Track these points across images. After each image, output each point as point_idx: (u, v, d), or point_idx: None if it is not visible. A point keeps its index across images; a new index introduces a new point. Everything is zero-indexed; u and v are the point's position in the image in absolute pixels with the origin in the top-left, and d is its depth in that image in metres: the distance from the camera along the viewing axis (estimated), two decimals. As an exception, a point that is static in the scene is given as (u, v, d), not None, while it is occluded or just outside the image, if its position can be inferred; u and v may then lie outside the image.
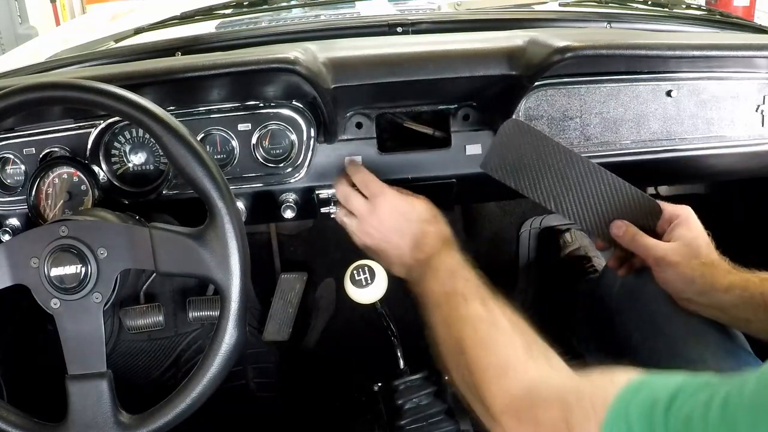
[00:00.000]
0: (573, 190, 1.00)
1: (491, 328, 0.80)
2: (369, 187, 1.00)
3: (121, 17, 1.90)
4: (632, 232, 0.97)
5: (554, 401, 0.66)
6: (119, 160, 1.07)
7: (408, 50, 1.00)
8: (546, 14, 1.36)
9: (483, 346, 0.79)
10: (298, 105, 1.06)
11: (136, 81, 0.90)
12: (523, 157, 1.00)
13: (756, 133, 1.16)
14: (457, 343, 0.81)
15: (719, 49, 1.02)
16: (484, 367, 0.77)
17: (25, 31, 4.20)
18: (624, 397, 0.57)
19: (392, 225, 0.98)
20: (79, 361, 0.81)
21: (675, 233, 0.95)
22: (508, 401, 0.71)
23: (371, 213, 0.99)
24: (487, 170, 1.01)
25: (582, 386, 0.64)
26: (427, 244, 0.95)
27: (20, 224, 1.06)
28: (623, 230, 0.97)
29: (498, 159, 1.01)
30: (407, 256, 0.96)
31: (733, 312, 0.90)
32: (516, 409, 0.70)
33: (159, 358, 1.56)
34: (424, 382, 1.07)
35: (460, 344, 0.81)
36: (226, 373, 0.79)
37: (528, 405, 0.69)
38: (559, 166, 1.00)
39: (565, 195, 1.00)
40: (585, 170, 0.99)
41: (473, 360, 0.78)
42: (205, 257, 0.79)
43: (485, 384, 0.75)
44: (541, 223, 1.77)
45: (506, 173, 1.01)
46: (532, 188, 1.00)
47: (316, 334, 1.69)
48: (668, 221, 0.98)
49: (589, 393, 0.61)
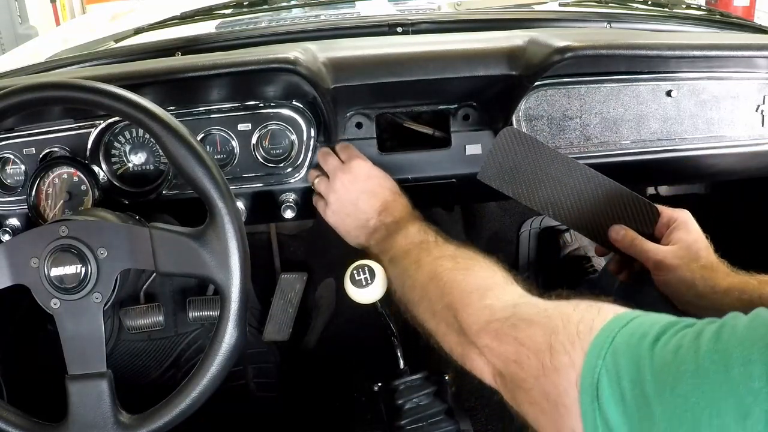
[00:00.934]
0: (571, 197, 1.00)
1: (469, 260, 0.81)
2: (347, 151, 1.04)
3: (121, 17, 1.90)
4: (631, 237, 0.97)
5: (539, 321, 0.64)
6: (119, 160, 1.07)
7: (408, 50, 1.00)
8: (546, 14, 1.36)
9: (461, 271, 0.78)
10: (298, 105, 1.06)
11: (136, 81, 0.90)
12: (520, 166, 1.00)
13: (756, 133, 1.16)
14: (433, 276, 0.81)
15: (719, 49, 1.02)
16: (462, 288, 0.75)
17: (25, 31, 4.20)
18: (611, 327, 0.56)
19: (364, 185, 1.00)
20: (79, 361, 0.81)
21: (673, 236, 0.95)
22: (487, 319, 0.69)
23: (345, 171, 1.01)
24: (484, 180, 1.01)
25: (568, 310, 0.62)
26: (397, 209, 0.98)
27: (20, 224, 1.06)
28: (621, 235, 0.98)
29: (495, 168, 1.01)
30: (373, 218, 0.98)
31: None
32: (496, 328, 0.68)
33: (159, 358, 1.56)
34: (424, 382, 1.07)
35: (438, 275, 0.80)
36: (226, 373, 0.79)
37: (510, 324, 0.67)
38: (557, 174, 1.00)
39: (563, 202, 1.00)
40: (582, 177, 1.00)
41: (449, 284, 0.77)
42: (205, 257, 0.79)
43: (463, 303, 0.74)
44: (541, 223, 1.77)
45: (504, 182, 1.01)
46: (530, 196, 1.00)
47: (316, 334, 1.69)
48: (666, 225, 0.98)
49: (576, 319, 0.60)
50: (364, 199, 1.00)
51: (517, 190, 1.01)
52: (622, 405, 0.51)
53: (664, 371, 0.50)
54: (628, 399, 0.51)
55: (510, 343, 0.65)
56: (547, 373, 0.59)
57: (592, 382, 0.54)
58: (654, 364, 0.51)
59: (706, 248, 0.94)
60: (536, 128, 1.11)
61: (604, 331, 0.56)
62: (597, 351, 0.55)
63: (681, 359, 0.49)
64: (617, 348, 0.54)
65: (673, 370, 0.49)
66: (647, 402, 0.50)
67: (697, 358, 0.49)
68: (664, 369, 0.50)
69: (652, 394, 0.50)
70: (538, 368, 0.60)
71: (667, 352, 0.51)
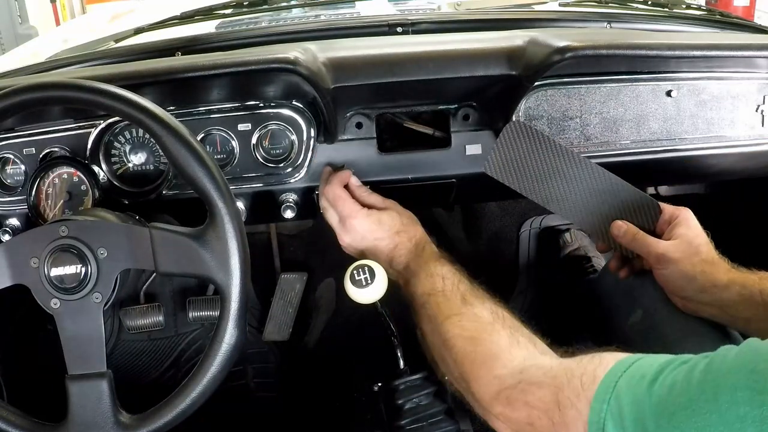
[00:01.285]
0: (574, 192, 1.00)
1: (474, 323, 0.82)
2: (337, 207, 1.00)
3: (121, 17, 1.90)
4: (633, 232, 0.97)
5: (545, 382, 0.66)
6: (119, 160, 1.07)
7: (408, 50, 1.00)
8: (546, 14, 1.36)
9: (468, 340, 0.80)
10: (298, 105, 1.06)
11: (136, 81, 0.90)
12: (526, 159, 1.00)
13: (756, 133, 1.16)
14: (443, 342, 0.83)
15: (719, 49, 1.02)
16: (472, 360, 0.78)
17: (25, 31, 4.21)
18: (614, 373, 0.59)
19: (364, 245, 1.00)
20: (79, 361, 0.81)
21: (675, 232, 0.95)
22: (497, 389, 0.72)
23: (345, 233, 1.00)
24: (489, 172, 1.01)
25: (572, 366, 0.65)
26: (401, 255, 0.97)
27: (20, 224, 1.06)
28: (623, 230, 0.98)
29: (500, 161, 1.01)
30: (389, 269, 0.98)
31: (732, 310, 0.90)
32: (506, 396, 0.71)
33: (159, 358, 1.56)
34: (424, 382, 1.07)
35: (446, 342, 0.83)
36: (226, 373, 0.79)
37: (519, 390, 0.70)
38: (561, 168, 1.00)
39: (566, 197, 1.00)
40: (586, 171, 1.00)
41: (460, 355, 0.80)
42: (205, 257, 0.79)
43: (474, 376, 0.76)
44: (541, 223, 1.77)
45: (508, 175, 1.01)
46: (534, 190, 1.01)
47: (316, 334, 1.69)
48: (668, 222, 0.98)
49: (579, 372, 0.63)
50: (371, 255, 0.99)
51: (522, 183, 1.01)
52: None
53: (660, 406, 0.53)
54: None
55: (521, 408, 0.69)
56: (558, 428, 0.63)
57: (598, 427, 0.57)
58: (652, 401, 0.54)
59: (707, 244, 0.95)
60: (538, 130, 1.11)
61: (608, 377, 0.59)
62: (601, 397, 0.58)
63: (675, 394, 0.52)
64: (620, 391, 0.57)
65: (669, 405, 0.52)
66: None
67: (689, 390, 0.52)
68: (661, 404, 0.53)
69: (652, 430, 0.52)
70: (550, 427, 0.64)
71: (663, 389, 0.54)
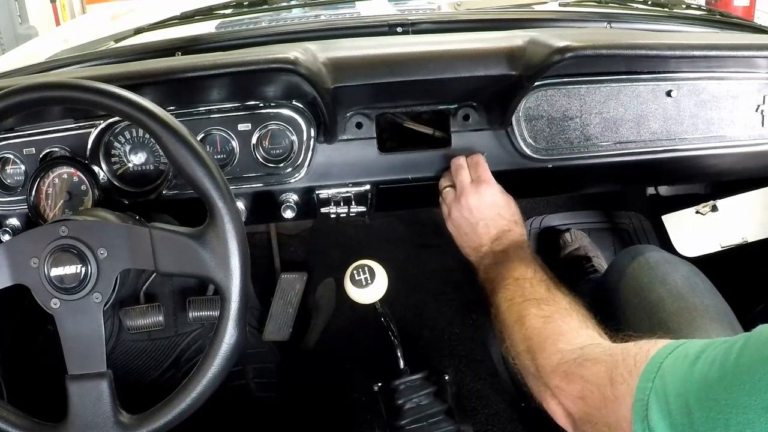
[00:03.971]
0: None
1: (551, 307, 0.87)
2: (478, 170, 1.06)
3: (121, 17, 1.90)
4: None
5: (601, 359, 0.70)
6: (119, 160, 1.07)
7: (408, 50, 1.00)
8: (546, 14, 1.36)
9: (542, 319, 0.86)
10: (298, 105, 1.06)
11: (136, 81, 0.90)
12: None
13: (756, 133, 1.16)
14: (518, 318, 0.88)
15: (719, 49, 1.02)
16: (539, 333, 0.83)
17: (25, 31, 4.20)
18: (661, 354, 0.63)
19: (485, 213, 1.04)
20: (79, 361, 0.81)
21: None
22: (558, 361, 0.77)
23: (472, 193, 1.04)
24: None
25: (629, 347, 0.69)
26: (508, 240, 1.02)
27: (20, 224, 1.06)
28: None
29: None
30: (486, 245, 1.03)
31: None
32: (565, 369, 0.75)
33: (159, 358, 1.56)
34: (424, 382, 1.07)
35: (522, 318, 0.88)
36: (226, 373, 0.79)
37: (577, 364, 0.74)
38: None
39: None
40: None
41: (531, 329, 0.85)
42: (205, 257, 0.79)
43: (540, 348, 0.81)
44: (541, 223, 1.77)
45: None
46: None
47: (316, 334, 1.69)
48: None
49: (634, 352, 0.66)
50: (482, 226, 1.04)
51: None
52: (669, 419, 0.58)
53: (701, 381, 0.57)
54: (673, 413, 0.57)
55: (577, 381, 0.72)
56: (608, 403, 0.65)
57: (642, 404, 0.60)
58: (694, 378, 0.57)
59: None
60: (536, 128, 1.11)
61: (654, 358, 0.63)
62: (648, 376, 0.62)
63: (715, 369, 0.56)
64: (665, 371, 0.60)
65: (709, 379, 0.56)
66: (689, 411, 0.56)
67: (726, 365, 0.55)
68: (702, 380, 0.57)
69: (694, 404, 0.56)
70: (601, 400, 0.67)
71: (705, 366, 0.57)
